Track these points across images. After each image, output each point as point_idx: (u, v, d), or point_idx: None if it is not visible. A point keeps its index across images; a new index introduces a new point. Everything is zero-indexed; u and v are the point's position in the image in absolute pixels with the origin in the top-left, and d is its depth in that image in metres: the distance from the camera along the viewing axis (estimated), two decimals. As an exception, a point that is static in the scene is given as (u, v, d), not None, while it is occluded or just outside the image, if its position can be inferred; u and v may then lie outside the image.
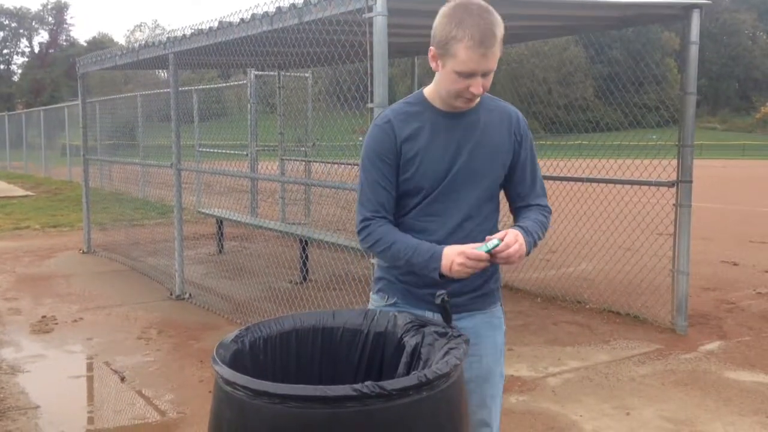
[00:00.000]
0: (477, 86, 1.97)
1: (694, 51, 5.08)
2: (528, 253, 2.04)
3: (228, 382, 1.86)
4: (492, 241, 1.95)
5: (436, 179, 2.09)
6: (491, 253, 1.95)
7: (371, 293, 2.36)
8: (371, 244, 2.12)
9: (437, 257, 2.00)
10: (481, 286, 2.20)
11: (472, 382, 2.18)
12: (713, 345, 4.85)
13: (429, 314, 2.22)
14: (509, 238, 1.93)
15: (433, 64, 2.07)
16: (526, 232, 2.03)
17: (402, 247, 2.07)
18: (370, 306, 2.38)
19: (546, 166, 7.15)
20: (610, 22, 5.80)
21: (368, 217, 2.12)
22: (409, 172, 2.08)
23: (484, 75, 1.98)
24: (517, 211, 2.25)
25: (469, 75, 1.95)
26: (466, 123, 2.12)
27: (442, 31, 1.97)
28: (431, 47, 2.04)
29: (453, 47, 1.94)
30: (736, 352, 4.68)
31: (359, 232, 2.15)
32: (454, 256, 1.96)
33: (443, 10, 2.02)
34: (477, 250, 1.96)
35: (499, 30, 1.99)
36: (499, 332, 2.29)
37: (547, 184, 6.68)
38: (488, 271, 2.14)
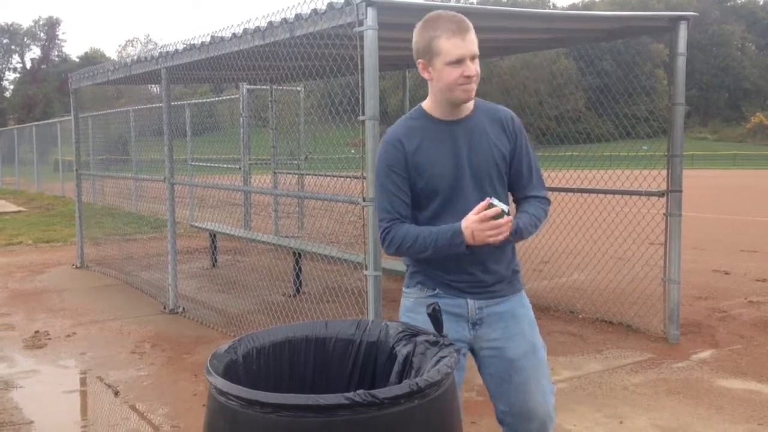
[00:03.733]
0: (468, 69, 2.14)
1: (681, 62, 5.15)
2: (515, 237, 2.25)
3: (221, 392, 1.88)
4: (494, 200, 2.14)
5: (446, 183, 2.27)
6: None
7: (406, 288, 2.47)
8: (397, 245, 2.29)
9: (458, 232, 2.16)
10: (510, 275, 2.40)
11: (522, 358, 2.39)
12: (705, 353, 4.87)
13: (471, 302, 2.36)
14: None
15: (425, 74, 2.24)
16: (516, 230, 2.23)
17: (425, 237, 2.24)
18: (407, 300, 2.51)
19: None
20: (598, 34, 5.86)
21: (388, 225, 2.29)
22: (422, 180, 2.27)
23: (472, 59, 2.16)
24: (517, 204, 2.42)
25: (459, 61, 2.13)
26: (464, 128, 2.29)
27: (422, 39, 2.21)
28: (419, 61, 2.23)
29: (436, 45, 2.15)
30: (728, 361, 4.70)
31: (383, 240, 2.32)
32: (472, 225, 2.13)
33: (416, 27, 2.25)
34: (485, 212, 2.12)
35: (469, 23, 2.18)
36: (529, 309, 2.48)
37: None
38: (511, 261, 2.40)
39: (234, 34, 5.06)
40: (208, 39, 5.44)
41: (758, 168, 37.66)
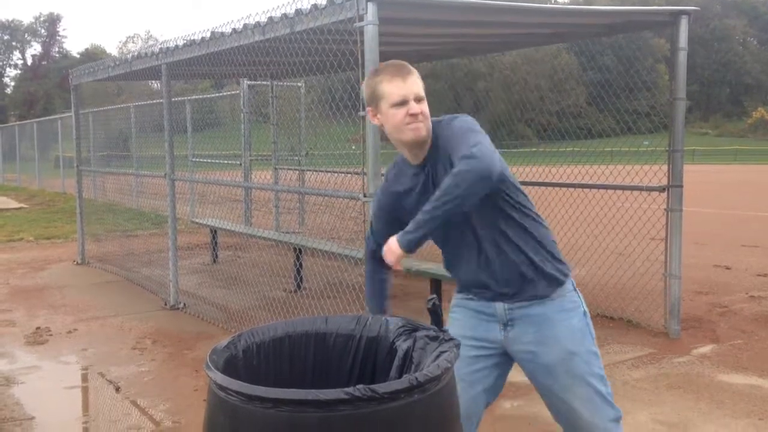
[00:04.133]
0: (412, 108, 2.16)
1: (682, 57, 5.13)
2: (416, 240, 2.16)
3: (221, 388, 1.88)
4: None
5: None
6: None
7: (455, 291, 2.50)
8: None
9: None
10: (536, 278, 2.30)
11: (559, 365, 2.28)
12: (706, 348, 4.87)
13: (498, 304, 2.35)
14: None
15: (375, 121, 2.27)
16: (404, 231, 2.16)
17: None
18: (452, 301, 2.52)
19: (539, 172, 7.19)
20: (599, 29, 5.85)
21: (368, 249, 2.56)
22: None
23: (416, 100, 2.18)
24: None
25: (402, 102, 2.16)
26: (426, 175, 2.29)
27: (367, 87, 2.26)
28: (368, 109, 2.27)
29: (379, 90, 2.19)
30: (729, 356, 4.70)
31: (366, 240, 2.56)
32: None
33: (364, 80, 2.36)
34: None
35: (411, 67, 2.24)
36: (574, 314, 2.34)
37: (541, 190, 6.74)
38: (534, 264, 2.29)
39: (234, 30, 5.06)
40: (208, 35, 5.43)
41: (760, 163, 37.62)
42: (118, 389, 4.31)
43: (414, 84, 2.19)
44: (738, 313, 5.82)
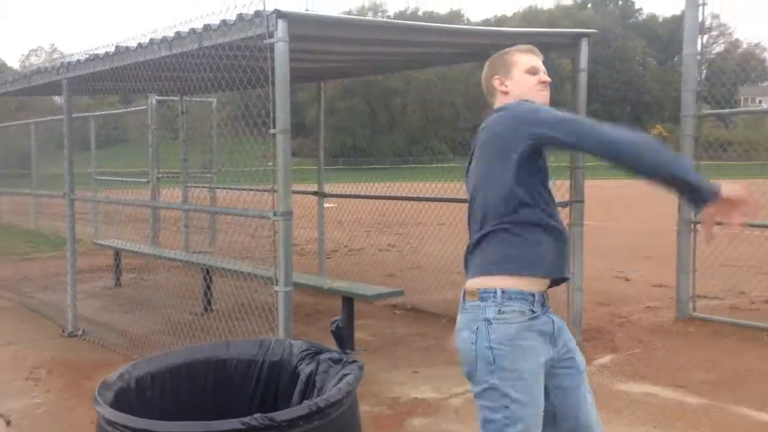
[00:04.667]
0: (544, 76, 2.40)
1: (583, 77, 5.36)
2: None
3: (109, 422, 1.80)
4: None
5: None
6: None
7: (500, 314, 2.15)
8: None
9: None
10: None
11: (585, 368, 2.33)
12: (606, 358, 5.06)
13: (551, 316, 2.24)
14: None
15: (503, 88, 2.41)
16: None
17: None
18: (507, 328, 2.15)
19: (449, 188, 7.31)
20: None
21: None
22: None
23: (544, 72, 2.42)
24: None
25: (534, 71, 2.39)
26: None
27: (498, 59, 2.46)
28: (495, 77, 2.43)
29: (513, 58, 2.42)
30: (627, 365, 4.90)
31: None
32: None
33: (487, 62, 2.51)
34: None
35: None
36: None
37: (453, 206, 6.80)
38: None
39: (140, 44, 4.91)
40: (113, 49, 5.25)
41: (659, 178, 39.68)
42: (8, 423, 4.06)
43: (541, 61, 2.45)
44: (636, 323, 6.08)
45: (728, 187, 1.95)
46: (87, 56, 5.63)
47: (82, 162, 11.89)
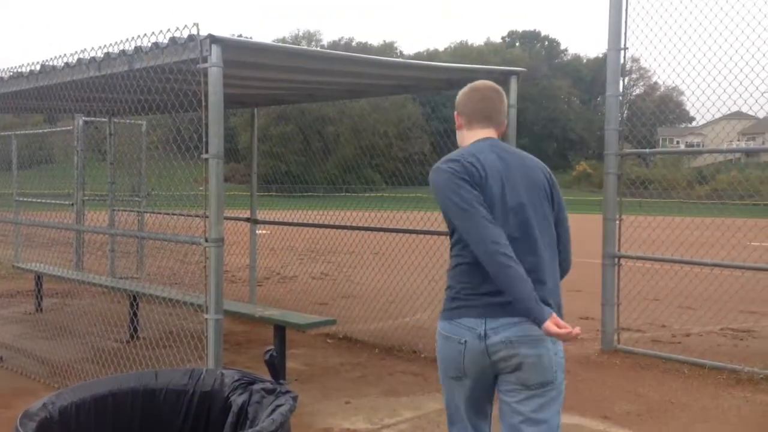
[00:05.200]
0: None
1: (512, 113, 5.53)
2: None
3: (30, 456, 1.72)
4: None
5: None
6: None
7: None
8: None
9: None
10: None
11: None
12: (536, 388, 5.14)
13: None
14: None
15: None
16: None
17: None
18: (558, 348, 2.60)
19: (383, 217, 7.37)
20: (440, 83, 6.16)
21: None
22: None
23: None
24: None
25: None
26: None
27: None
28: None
29: None
30: (555, 394, 4.99)
31: None
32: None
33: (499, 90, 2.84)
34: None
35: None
36: None
37: (384, 236, 6.84)
38: None
39: (67, 64, 4.77)
40: (38, 67, 5.09)
41: (582, 213, 41.01)
42: None
43: None
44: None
45: (549, 325, 2.33)
46: (11, 74, 5.44)
47: (2, 182, 11.42)
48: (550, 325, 2.30)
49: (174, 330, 5.68)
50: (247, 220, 7.87)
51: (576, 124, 76.87)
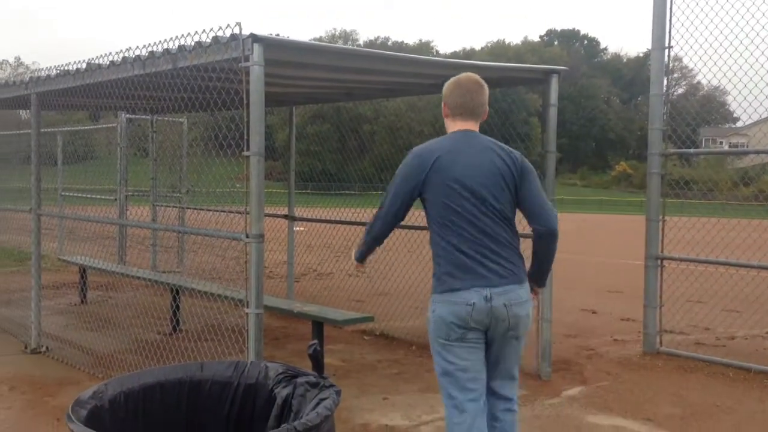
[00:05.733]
0: None
1: (553, 112, 5.47)
2: None
3: (83, 442, 1.76)
4: None
5: None
6: None
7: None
8: None
9: None
10: None
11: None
12: (575, 390, 5.10)
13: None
14: None
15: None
16: None
17: None
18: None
19: (419, 215, 7.34)
20: (478, 82, 6.11)
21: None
22: None
23: None
24: None
25: None
26: None
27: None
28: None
29: None
30: (596, 397, 4.94)
31: None
32: None
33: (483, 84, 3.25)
34: None
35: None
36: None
37: (420, 233, 6.84)
38: None
39: (113, 62, 4.87)
40: (84, 66, 5.20)
41: (622, 213, 40.42)
42: (-35, 443, 3.93)
43: None
44: (604, 355, 6.14)
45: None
46: (58, 71, 5.57)
47: (48, 177, 11.68)
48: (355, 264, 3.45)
49: (215, 324, 5.77)
50: (285, 216, 7.93)
51: (615, 123, 75.69)
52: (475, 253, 2.86)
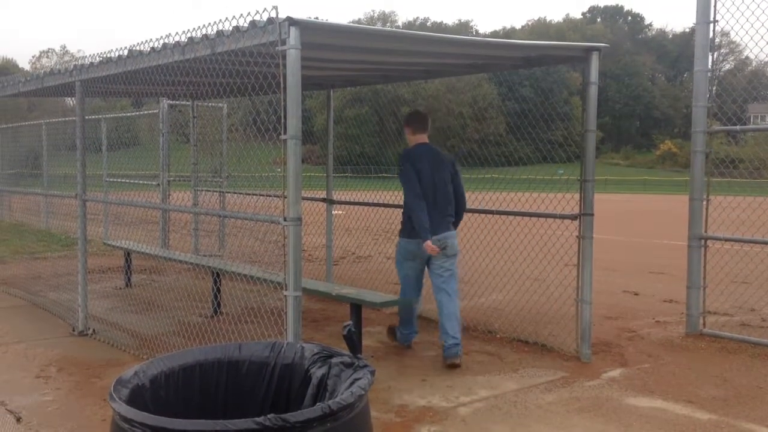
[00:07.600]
0: None
1: (593, 91, 5.37)
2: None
3: (125, 419, 1.81)
4: None
5: None
6: None
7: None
8: None
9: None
10: None
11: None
12: (615, 372, 5.05)
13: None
14: None
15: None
16: None
17: None
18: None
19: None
20: (516, 61, 6.05)
21: None
22: None
23: None
24: None
25: None
26: None
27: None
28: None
29: None
30: (636, 379, 4.88)
31: None
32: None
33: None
34: None
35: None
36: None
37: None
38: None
39: (153, 48, 4.94)
40: (126, 53, 5.30)
41: (667, 193, 39.61)
42: (19, 419, 4.08)
43: None
44: (645, 337, 6.06)
45: (427, 243, 5.10)
46: (100, 59, 5.67)
47: (92, 164, 11.96)
48: (427, 243, 5.07)
49: (255, 306, 5.86)
50: (323, 200, 7.98)
51: (660, 101, 73.93)
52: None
